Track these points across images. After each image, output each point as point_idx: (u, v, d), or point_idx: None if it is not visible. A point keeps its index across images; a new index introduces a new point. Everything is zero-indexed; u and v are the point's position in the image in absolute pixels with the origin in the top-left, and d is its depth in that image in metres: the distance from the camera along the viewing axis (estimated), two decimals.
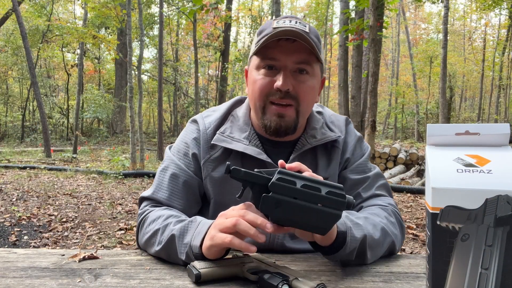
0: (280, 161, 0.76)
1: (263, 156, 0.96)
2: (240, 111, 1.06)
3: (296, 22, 0.92)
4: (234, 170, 0.71)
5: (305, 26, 0.92)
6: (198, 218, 0.86)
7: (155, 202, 1.00)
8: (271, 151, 1.00)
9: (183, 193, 1.00)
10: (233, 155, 0.99)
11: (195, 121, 1.07)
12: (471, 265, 0.51)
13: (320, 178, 0.74)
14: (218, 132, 1.01)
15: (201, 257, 0.78)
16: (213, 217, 0.92)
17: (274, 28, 0.91)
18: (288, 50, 0.91)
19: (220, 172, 1.00)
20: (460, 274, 0.51)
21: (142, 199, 1.03)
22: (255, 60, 0.96)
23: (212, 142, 1.00)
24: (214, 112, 1.07)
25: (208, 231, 0.78)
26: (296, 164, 0.76)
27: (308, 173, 0.75)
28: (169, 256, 0.86)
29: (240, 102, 1.10)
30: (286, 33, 0.88)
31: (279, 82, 0.90)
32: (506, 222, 0.49)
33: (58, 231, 4.03)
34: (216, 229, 0.75)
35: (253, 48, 0.98)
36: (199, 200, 1.05)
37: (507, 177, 0.52)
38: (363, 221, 0.86)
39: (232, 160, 0.99)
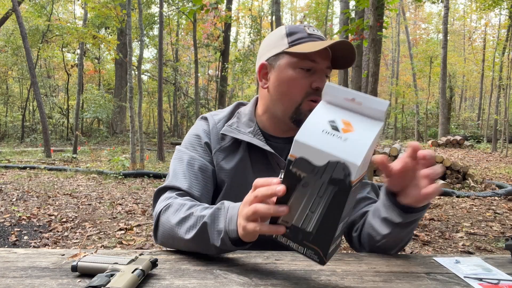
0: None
1: (267, 148, 1.05)
2: (246, 109, 1.15)
3: (317, 31, 1.07)
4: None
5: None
6: (226, 202, 0.85)
7: (175, 189, 1.01)
8: (274, 145, 1.10)
9: (199, 179, 1.04)
10: (242, 147, 1.08)
11: (204, 118, 1.16)
12: (303, 206, 0.65)
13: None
14: (226, 124, 1.10)
15: (239, 240, 0.78)
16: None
17: (309, 34, 1.04)
18: (323, 55, 1.03)
19: (230, 162, 1.07)
20: (295, 209, 0.66)
21: (160, 191, 1.03)
22: (289, 59, 1.04)
23: (221, 132, 1.08)
24: (221, 112, 1.17)
25: (238, 221, 0.77)
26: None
27: None
28: (198, 244, 0.85)
29: (242, 104, 1.20)
30: (342, 45, 0.99)
31: (319, 82, 1.02)
32: (336, 184, 0.61)
33: (58, 231, 4.03)
34: (243, 219, 0.75)
35: (281, 46, 1.05)
36: (212, 188, 1.08)
37: (354, 149, 0.59)
38: None
39: (241, 151, 1.07)
